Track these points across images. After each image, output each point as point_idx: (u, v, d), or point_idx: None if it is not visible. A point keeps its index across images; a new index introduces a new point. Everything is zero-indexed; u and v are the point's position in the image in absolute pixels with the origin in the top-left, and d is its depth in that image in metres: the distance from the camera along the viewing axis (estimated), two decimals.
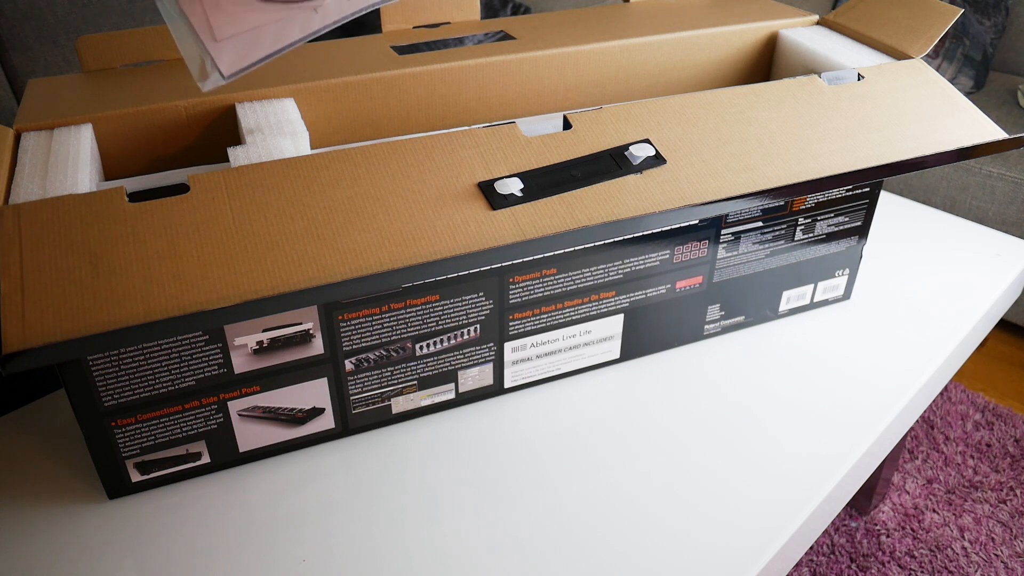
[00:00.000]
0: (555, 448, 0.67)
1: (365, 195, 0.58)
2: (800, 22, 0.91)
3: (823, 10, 2.05)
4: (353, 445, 0.68)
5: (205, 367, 0.59)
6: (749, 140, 0.67)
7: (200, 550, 0.59)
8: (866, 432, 0.69)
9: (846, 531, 1.26)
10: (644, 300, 0.73)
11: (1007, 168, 1.59)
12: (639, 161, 0.63)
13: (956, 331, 0.81)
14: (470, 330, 0.67)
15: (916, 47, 0.79)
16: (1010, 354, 1.66)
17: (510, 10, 2.04)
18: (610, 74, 0.85)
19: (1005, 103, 1.78)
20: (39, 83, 0.73)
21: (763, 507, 0.62)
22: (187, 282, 0.52)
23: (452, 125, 0.80)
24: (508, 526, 0.61)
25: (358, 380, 0.65)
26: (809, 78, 0.74)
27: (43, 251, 0.52)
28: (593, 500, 0.63)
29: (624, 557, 0.58)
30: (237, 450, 0.65)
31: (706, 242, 0.72)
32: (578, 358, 0.74)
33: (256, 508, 0.62)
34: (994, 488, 1.32)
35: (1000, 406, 1.49)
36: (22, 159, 0.61)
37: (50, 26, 1.35)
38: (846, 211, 0.78)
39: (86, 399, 0.57)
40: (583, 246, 0.66)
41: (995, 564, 1.20)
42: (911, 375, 0.75)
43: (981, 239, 0.96)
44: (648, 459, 0.66)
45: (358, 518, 0.61)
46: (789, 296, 0.81)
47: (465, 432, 0.69)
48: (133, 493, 0.63)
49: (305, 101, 0.73)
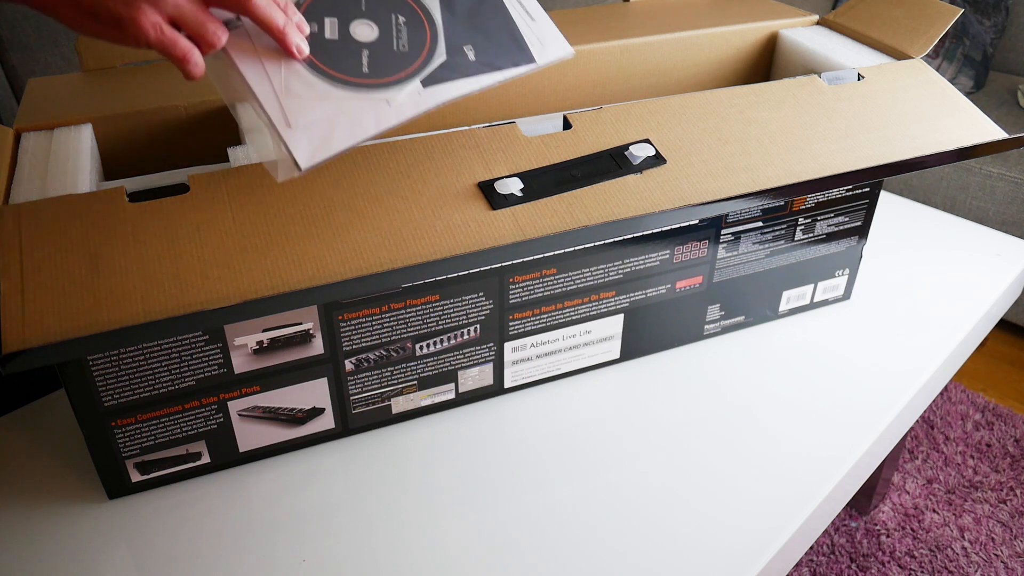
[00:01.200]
0: (555, 448, 0.67)
1: (365, 195, 0.58)
2: (800, 22, 0.91)
3: (823, 10, 2.05)
4: (353, 445, 0.68)
5: (205, 367, 0.59)
6: (749, 140, 0.67)
7: (200, 550, 0.59)
8: (866, 432, 0.69)
9: (846, 531, 1.26)
10: (644, 300, 0.73)
11: (1007, 168, 1.59)
12: (639, 161, 0.63)
13: (956, 331, 0.81)
14: (470, 330, 0.67)
15: (916, 47, 0.79)
16: (1010, 354, 1.66)
17: None
18: (610, 74, 0.85)
19: (1005, 103, 1.78)
20: (39, 83, 0.73)
21: (763, 507, 0.62)
22: (187, 282, 0.52)
23: (452, 125, 0.80)
24: (508, 526, 0.61)
25: (358, 380, 0.65)
26: (809, 78, 0.74)
27: (43, 251, 0.52)
28: (593, 500, 0.63)
29: (624, 557, 0.58)
30: (237, 450, 0.65)
31: (706, 242, 0.72)
32: (578, 358, 0.74)
33: (256, 508, 0.62)
34: (994, 488, 1.32)
35: (1000, 406, 1.49)
36: (22, 159, 0.61)
37: (50, 26, 1.35)
38: (846, 211, 0.78)
39: (86, 399, 0.57)
40: (583, 246, 0.66)
41: (995, 564, 1.20)
42: (911, 375, 0.75)
43: (981, 239, 0.96)
44: (648, 459, 0.66)
45: (358, 518, 0.61)
46: (789, 296, 0.81)
47: (465, 432, 0.69)
48: (133, 493, 0.63)
49: None
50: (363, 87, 0.54)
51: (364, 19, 0.56)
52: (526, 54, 0.58)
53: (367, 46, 0.55)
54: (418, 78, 0.55)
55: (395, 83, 0.54)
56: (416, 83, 0.55)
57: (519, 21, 0.59)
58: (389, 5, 0.57)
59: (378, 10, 0.56)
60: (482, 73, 0.56)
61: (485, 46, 0.57)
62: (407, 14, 0.57)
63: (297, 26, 0.52)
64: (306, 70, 0.53)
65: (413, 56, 0.56)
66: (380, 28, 0.56)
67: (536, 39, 0.58)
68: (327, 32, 0.55)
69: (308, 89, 0.52)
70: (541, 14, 0.60)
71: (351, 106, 0.53)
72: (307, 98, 0.52)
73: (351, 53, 0.55)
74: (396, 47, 0.56)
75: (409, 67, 0.55)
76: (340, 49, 0.54)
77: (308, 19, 0.54)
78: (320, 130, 0.52)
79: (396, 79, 0.55)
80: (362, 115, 0.53)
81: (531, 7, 0.60)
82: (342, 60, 0.54)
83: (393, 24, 0.56)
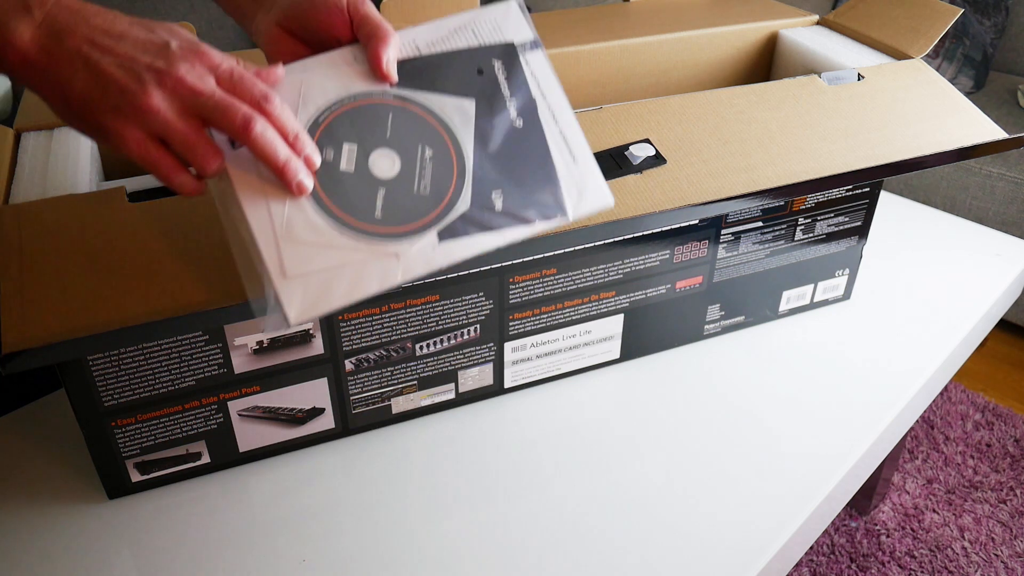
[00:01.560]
0: (555, 448, 0.67)
1: None
2: (800, 22, 0.91)
3: (823, 10, 2.05)
4: (353, 445, 0.68)
5: (205, 367, 0.59)
6: (749, 140, 0.67)
7: (200, 550, 0.59)
8: (866, 432, 0.69)
9: (846, 531, 1.26)
10: (644, 300, 0.73)
11: (1007, 168, 1.59)
12: (639, 161, 0.63)
13: (956, 331, 0.81)
14: (470, 330, 0.67)
15: (916, 47, 0.79)
16: (1010, 354, 1.66)
17: None
18: (610, 74, 0.85)
19: (1005, 103, 1.78)
20: None
21: (763, 506, 0.62)
22: (187, 282, 0.52)
23: None
24: (508, 525, 0.61)
25: (358, 380, 0.65)
26: (809, 78, 0.74)
27: (43, 251, 0.52)
28: (593, 500, 0.63)
29: (624, 556, 0.58)
30: (237, 450, 0.65)
31: (706, 242, 0.72)
32: (578, 358, 0.74)
33: (256, 508, 0.62)
34: (994, 488, 1.32)
35: (1000, 406, 1.49)
36: (22, 159, 0.61)
37: None
38: (846, 211, 0.78)
39: (86, 399, 0.57)
40: (583, 246, 0.66)
41: (995, 564, 1.20)
42: (911, 375, 0.75)
43: (981, 239, 0.96)
44: (648, 459, 0.66)
45: (358, 518, 0.61)
46: (789, 296, 0.81)
47: (465, 432, 0.69)
48: (133, 493, 0.63)
49: None
50: (373, 236, 0.48)
51: (387, 148, 0.50)
52: (559, 205, 0.51)
53: (385, 184, 0.49)
54: (435, 229, 0.49)
55: (408, 234, 0.48)
56: (432, 236, 0.49)
57: (559, 162, 0.52)
58: (418, 133, 0.50)
59: (405, 138, 0.50)
60: (507, 227, 0.50)
61: (515, 193, 0.51)
62: (436, 146, 0.50)
63: (305, 159, 0.46)
64: (312, 207, 0.47)
65: (434, 201, 0.49)
66: (403, 162, 0.50)
67: (574, 186, 0.52)
68: (343, 162, 0.48)
69: (311, 233, 0.47)
70: (585, 153, 0.53)
71: (356, 259, 0.47)
72: (309, 244, 0.47)
73: (366, 192, 0.48)
74: (417, 188, 0.49)
75: (427, 215, 0.49)
76: (355, 184, 0.48)
77: (326, 142, 0.48)
78: (318, 283, 0.46)
79: (410, 229, 0.49)
80: (367, 271, 0.47)
81: (575, 144, 0.53)
82: (354, 199, 0.48)
83: (418, 158, 0.50)
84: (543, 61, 0.54)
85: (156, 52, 0.43)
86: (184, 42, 0.44)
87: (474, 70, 0.52)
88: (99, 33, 0.43)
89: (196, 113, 0.44)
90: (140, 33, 0.44)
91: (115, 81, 0.42)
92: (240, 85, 0.45)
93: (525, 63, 0.53)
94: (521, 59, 0.53)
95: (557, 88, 0.53)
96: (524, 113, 0.52)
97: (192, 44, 0.44)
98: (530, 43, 0.54)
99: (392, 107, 0.50)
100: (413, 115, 0.51)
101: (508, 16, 0.54)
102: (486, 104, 0.52)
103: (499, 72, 0.53)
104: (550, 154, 0.52)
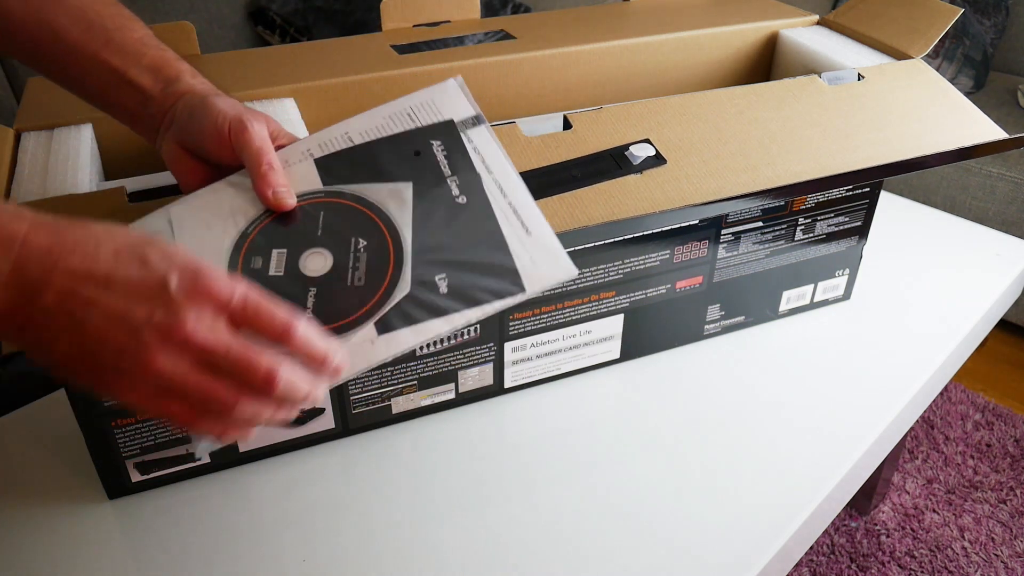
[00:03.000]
0: (555, 448, 0.67)
1: None
2: (800, 22, 0.91)
3: (823, 10, 2.05)
4: (353, 445, 0.68)
5: None
6: (749, 140, 0.67)
7: (200, 550, 0.59)
8: (866, 432, 0.69)
9: (846, 531, 1.26)
10: (644, 300, 0.73)
11: (1007, 168, 1.59)
12: (639, 161, 0.63)
13: (956, 331, 0.81)
14: (470, 330, 0.67)
15: (916, 47, 0.79)
16: (1010, 354, 1.66)
17: (510, 9, 2.04)
18: (610, 74, 0.85)
19: (1005, 103, 1.78)
20: (39, 83, 0.73)
21: (763, 507, 0.62)
22: None
23: None
24: (508, 525, 0.61)
25: (358, 380, 0.65)
26: (809, 78, 0.74)
27: None
28: (592, 500, 0.63)
29: (624, 556, 0.58)
30: (237, 450, 0.65)
31: (706, 242, 0.72)
32: (578, 358, 0.74)
33: (256, 508, 0.62)
34: (994, 488, 1.32)
35: (1000, 406, 1.49)
36: (22, 159, 0.61)
37: None
38: (846, 211, 0.78)
39: (86, 399, 0.57)
40: (583, 246, 0.66)
41: (995, 564, 1.20)
42: (911, 375, 0.75)
43: (981, 239, 0.96)
44: (648, 459, 0.66)
45: (358, 518, 0.61)
46: (789, 296, 0.81)
47: (465, 432, 0.69)
48: (133, 493, 0.63)
49: (305, 101, 0.73)
50: None
51: (319, 247, 0.48)
52: (514, 282, 0.48)
53: (316, 282, 0.47)
54: (371, 321, 0.46)
55: (342, 328, 0.46)
56: (369, 328, 0.46)
57: (510, 235, 0.49)
58: (350, 226, 0.48)
59: (337, 234, 0.48)
60: (455, 311, 0.47)
61: (462, 273, 0.48)
62: (370, 236, 0.48)
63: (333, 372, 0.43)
64: None
65: (370, 292, 0.47)
66: (335, 256, 0.47)
67: (529, 259, 0.48)
68: (272, 268, 0.47)
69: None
70: (540, 225, 0.50)
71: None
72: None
73: (296, 292, 0.46)
74: (351, 281, 0.47)
75: (363, 307, 0.46)
76: (284, 287, 0.46)
77: (253, 252, 0.47)
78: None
79: (343, 323, 0.46)
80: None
81: (528, 216, 0.50)
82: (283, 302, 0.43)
83: (351, 251, 0.48)
84: (487, 135, 0.52)
85: (154, 298, 0.37)
86: (185, 272, 0.38)
87: (411, 152, 0.51)
88: (80, 281, 0.37)
89: (210, 368, 0.39)
90: (131, 270, 0.38)
91: (108, 341, 0.37)
92: (257, 319, 0.40)
93: (467, 139, 0.52)
94: (462, 136, 0.52)
95: (504, 161, 0.52)
96: (467, 190, 0.50)
97: (194, 275, 0.38)
98: (471, 119, 0.53)
99: (323, 204, 0.49)
100: (345, 208, 0.49)
101: (446, 95, 0.53)
102: (424, 186, 0.50)
103: (438, 151, 0.51)
104: (500, 228, 0.49)
